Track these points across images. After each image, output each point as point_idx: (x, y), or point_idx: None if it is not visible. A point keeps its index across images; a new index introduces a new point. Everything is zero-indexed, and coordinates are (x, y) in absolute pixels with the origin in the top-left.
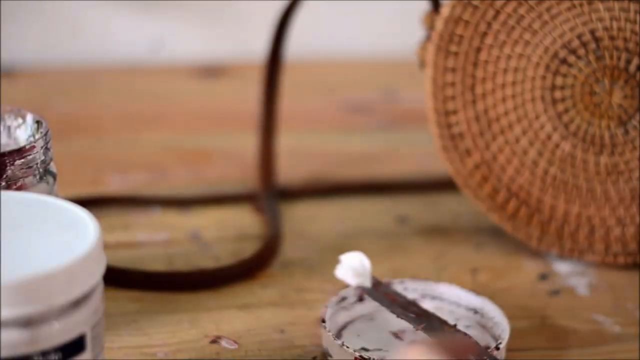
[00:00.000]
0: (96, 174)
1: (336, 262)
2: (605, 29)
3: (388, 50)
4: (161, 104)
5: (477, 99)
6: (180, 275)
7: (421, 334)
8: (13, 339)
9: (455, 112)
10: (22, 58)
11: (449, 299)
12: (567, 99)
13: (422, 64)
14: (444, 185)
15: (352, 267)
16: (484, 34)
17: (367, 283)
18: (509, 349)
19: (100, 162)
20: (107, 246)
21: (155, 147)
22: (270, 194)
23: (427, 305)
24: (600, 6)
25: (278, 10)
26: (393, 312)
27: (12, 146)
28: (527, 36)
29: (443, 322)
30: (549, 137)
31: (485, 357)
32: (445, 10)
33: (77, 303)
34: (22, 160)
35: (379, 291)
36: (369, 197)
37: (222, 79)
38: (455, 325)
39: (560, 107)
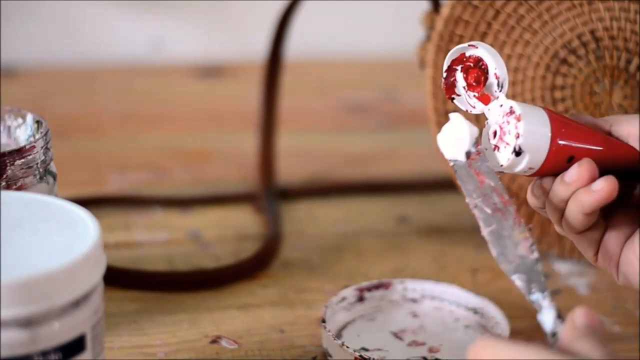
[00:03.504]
0: (96, 174)
1: (336, 262)
2: (606, 29)
3: (388, 50)
4: (161, 104)
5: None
6: (180, 275)
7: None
8: (13, 339)
9: (455, 112)
10: (22, 58)
11: (449, 299)
12: (567, 98)
13: (422, 64)
14: (444, 185)
15: (454, 134)
16: (484, 34)
17: (462, 155)
18: None
19: (100, 162)
20: (107, 246)
21: (155, 147)
22: (270, 194)
23: (427, 305)
24: (600, 6)
25: (278, 10)
26: (468, 201)
27: (12, 146)
28: (527, 36)
29: (514, 228)
30: None
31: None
32: (445, 10)
33: (77, 303)
34: (22, 160)
35: (470, 166)
36: (369, 197)
37: (222, 79)
38: (530, 229)
39: (561, 107)
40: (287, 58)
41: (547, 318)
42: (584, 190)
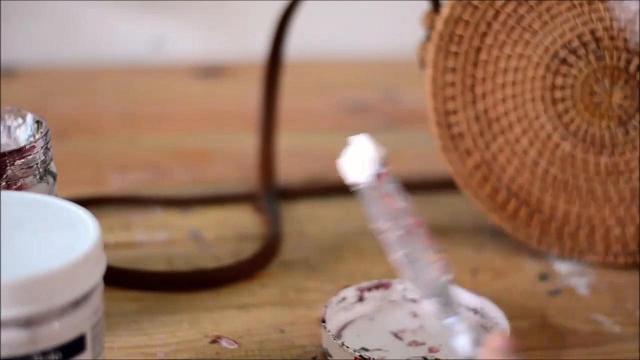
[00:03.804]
0: (96, 174)
1: (336, 262)
2: (606, 29)
3: (388, 50)
4: (161, 104)
5: (477, 99)
6: (180, 275)
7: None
8: (13, 339)
9: (455, 112)
10: (22, 58)
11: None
12: (567, 99)
13: (422, 64)
14: (444, 185)
15: (358, 156)
16: (484, 34)
17: (367, 178)
18: None
19: (100, 162)
20: (107, 246)
21: (155, 147)
22: (270, 194)
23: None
24: (601, 6)
25: (278, 10)
26: (377, 225)
27: (12, 146)
28: (527, 36)
29: (425, 250)
30: (549, 137)
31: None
32: (445, 10)
33: (77, 303)
34: (22, 160)
35: (378, 189)
36: None
37: (222, 79)
38: (442, 251)
39: (561, 107)
40: (287, 58)
41: (462, 342)
42: None
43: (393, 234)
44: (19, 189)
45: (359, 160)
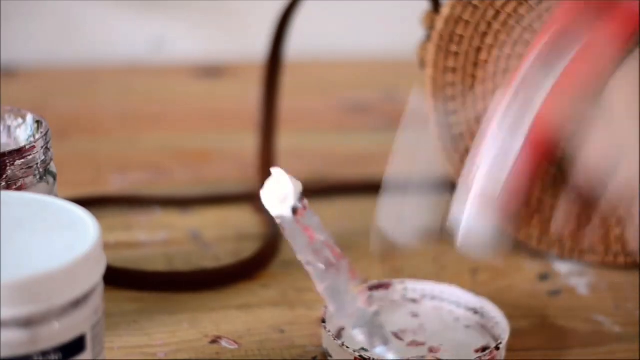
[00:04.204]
0: (96, 174)
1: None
2: None
3: (388, 50)
4: (161, 104)
5: (477, 99)
6: (180, 275)
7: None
8: (13, 339)
9: (455, 112)
10: (22, 58)
11: (449, 299)
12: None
13: (422, 64)
14: (444, 186)
15: (276, 191)
16: (484, 34)
17: (287, 211)
18: (509, 349)
19: (100, 162)
20: (107, 246)
21: (155, 147)
22: None
23: (427, 305)
24: None
25: (278, 10)
26: (299, 258)
27: (12, 146)
28: (527, 36)
29: (348, 282)
30: None
31: None
32: (445, 10)
33: (77, 303)
34: (22, 160)
35: (298, 222)
36: (369, 197)
37: (222, 79)
38: (365, 281)
39: None
40: (287, 58)
41: None
42: None
43: (315, 267)
44: (19, 189)
45: (277, 194)
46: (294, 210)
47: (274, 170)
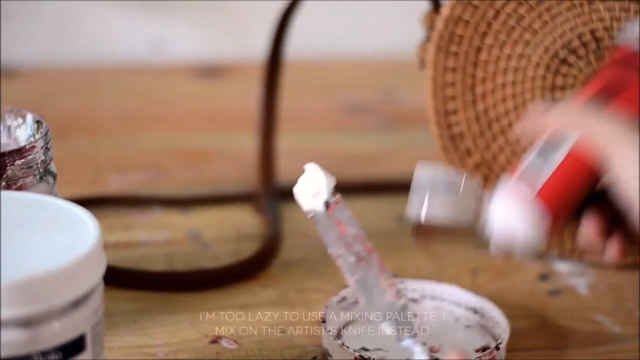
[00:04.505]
0: (96, 174)
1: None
2: (606, 29)
3: (388, 50)
4: (161, 104)
5: (477, 99)
6: (180, 275)
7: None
8: (13, 339)
9: (455, 112)
10: (22, 58)
11: (449, 299)
12: (568, 99)
13: (422, 64)
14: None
15: (309, 186)
16: (484, 34)
17: (320, 206)
18: (509, 349)
19: (100, 162)
20: (107, 246)
21: (155, 147)
22: (270, 194)
23: (427, 305)
24: (601, 6)
25: (278, 10)
26: (331, 251)
27: (12, 146)
28: (527, 36)
29: (378, 276)
30: None
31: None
32: (445, 10)
33: (77, 303)
34: (22, 160)
35: (330, 216)
36: (368, 197)
37: (222, 79)
38: (395, 275)
39: None
40: (287, 58)
41: None
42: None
43: (346, 260)
44: (19, 189)
45: (310, 189)
46: (327, 205)
47: (308, 166)
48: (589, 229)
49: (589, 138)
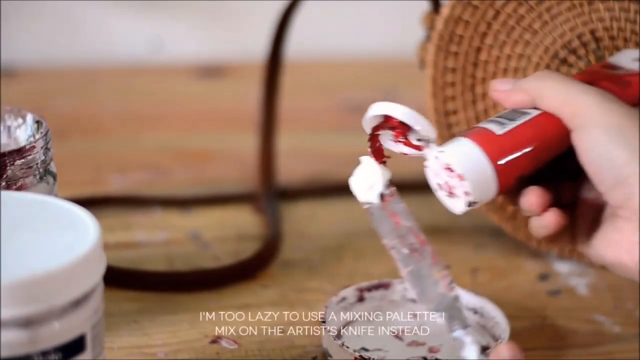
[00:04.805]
0: (96, 174)
1: (336, 262)
2: (606, 29)
3: (388, 50)
4: (161, 104)
5: (477, 99)
6: (180, 275)
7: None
8: (13, 339)
9: (455, 112)
10: (22, 58)
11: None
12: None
13: (422, 64)
14: None
15: (365, 178)
16: (484, 34)
17: (375, 198)
18: None
19: (100, 162)
20: (107, 246)
21: (155, 147)
22: (270, 194)
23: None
24: (601, 6)
25: (278, 10)
26: (385, 242)
27: (12, 146)
28: (527, 36)
29: (431, 267)
30: None
31: None
32: (445, 10)
33: (77, 303)
34: (22, 160)
35: (385, 208)
36: None
37: (222, 79)
38: (447, 267)
39: None
40: (287, 58)
41: (470, 354)
42: (536, 223)
43: (399, 251)
44: (19, 189)
45: (366, 181)
46: (382, 197)
47: (363, 158)
48: (531, 196)
49: (560, 102)
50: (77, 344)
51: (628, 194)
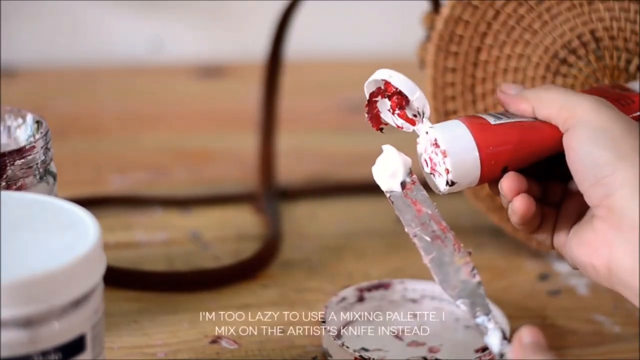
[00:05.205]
0: (96, 174)
1: (336, 262)
2: (606, 29)
3: (388, 51)
4: (161, 104)
5: (477, 99)
6: (180, 275)
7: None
8: (13, 339)
9: (455, 112)
10: (22, 58)
11: (449, 299)
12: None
13: (422, 64)
14: None
15: (387, 166)
16: (484, 34)
17: (397, 186)
18: None
19: (100, 162)
20: (107, 246)
21: (155, 147)
22: (270, 194)
23: (427, 305)
24: (601, 6)
25: (278, 10)
26: (407, 230)
27: (12, 146)
28: (527, 36)
29: (453, 254)
30: None
31: None
32: (445, 10)
33: (77, 303)
34: (22, 160)
35: (407, 195)
36: (368, 197)
37: (222, 79)
38: (470, 253)
39: None
40: (287, 58)
41: (493, 340)
42: (509, 210)
43: (422, 239)
44: (19, 189)
45: (387, 170)
46: (403, 185)
47: (385, 147)
48: (505, 180)
49: (558, 107)
50: (77, 344)
51: (605, 193)
